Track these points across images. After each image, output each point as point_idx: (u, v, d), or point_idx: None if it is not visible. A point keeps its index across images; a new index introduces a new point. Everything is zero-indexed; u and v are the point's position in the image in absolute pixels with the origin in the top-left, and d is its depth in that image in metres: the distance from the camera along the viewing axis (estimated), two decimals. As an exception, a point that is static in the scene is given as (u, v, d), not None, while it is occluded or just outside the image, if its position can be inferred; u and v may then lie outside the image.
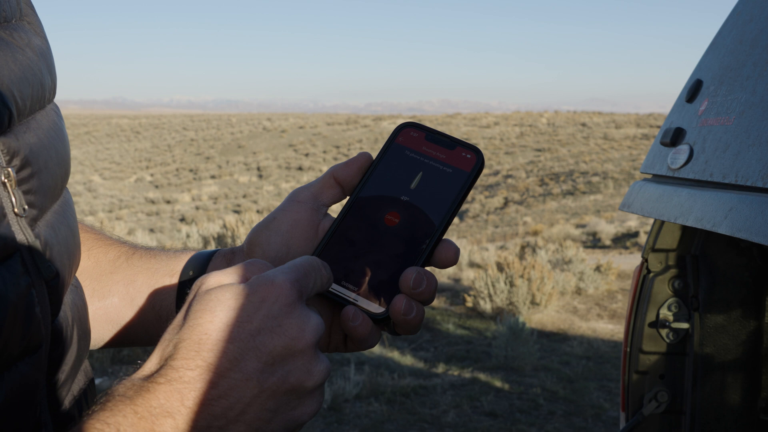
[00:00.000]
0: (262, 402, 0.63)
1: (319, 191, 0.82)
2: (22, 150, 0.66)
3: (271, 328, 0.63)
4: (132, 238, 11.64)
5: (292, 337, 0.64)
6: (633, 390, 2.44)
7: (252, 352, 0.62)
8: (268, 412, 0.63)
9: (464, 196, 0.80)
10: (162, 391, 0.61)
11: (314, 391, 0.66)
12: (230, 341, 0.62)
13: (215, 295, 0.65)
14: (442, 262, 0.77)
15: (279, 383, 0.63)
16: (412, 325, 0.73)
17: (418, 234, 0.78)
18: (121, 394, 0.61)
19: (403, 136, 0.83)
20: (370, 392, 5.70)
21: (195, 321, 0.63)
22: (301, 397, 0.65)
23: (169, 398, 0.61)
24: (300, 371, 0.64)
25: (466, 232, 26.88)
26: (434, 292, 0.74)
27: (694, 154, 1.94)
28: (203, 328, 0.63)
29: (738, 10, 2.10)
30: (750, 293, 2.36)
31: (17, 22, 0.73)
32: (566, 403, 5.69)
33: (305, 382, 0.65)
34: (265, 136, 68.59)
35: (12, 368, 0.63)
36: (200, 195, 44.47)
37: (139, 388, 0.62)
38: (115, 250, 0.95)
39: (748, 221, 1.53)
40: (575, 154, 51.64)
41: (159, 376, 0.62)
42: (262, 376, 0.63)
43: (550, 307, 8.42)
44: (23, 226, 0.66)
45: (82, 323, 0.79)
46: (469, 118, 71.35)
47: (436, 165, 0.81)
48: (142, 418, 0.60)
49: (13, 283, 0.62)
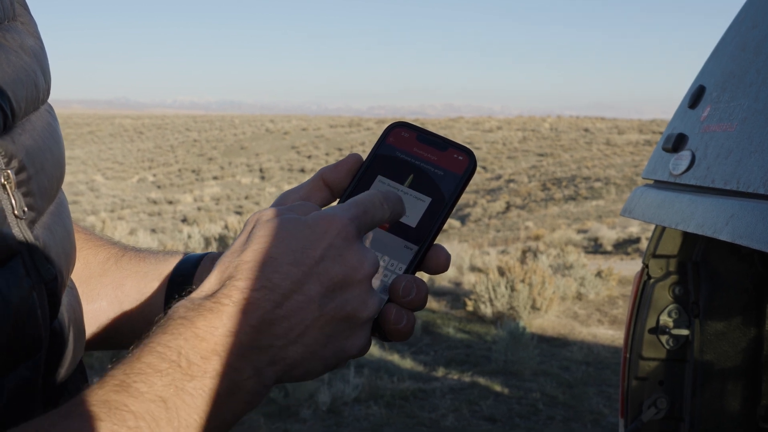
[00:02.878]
0: (321, 325, 0.65)
1: (308, 194, 0.80)
2: (19, 152, 0.66)
3: (333, 257, 0.65)
4: (134, 238, 11.65)
5: (353, 267, 0.66)
6: (632, 396, 2.43)
7: (315, 277, 0.64)
8: (324, 336, 0.65)
9: (456, 199, 0.77)
10: (226, 312, 0.62)
11: (365, 324, 0.68)
12: (294, 264, 0.64)
13: (280, 222, 0.66)
14: (434, 268, 0.76)
15: (338, 309, 0.65)
16: (403, 333, 0.72)
17: (408, 239, 0.76)
18: (181, 316, 0.62)
19: (394, 136, 0.80)
20: (369, 395, 5.70)
21: (259, 245, 0.65)
22: (354, 327, 0.67)
23: (233, 318, 0.62)
24: (357, 300, 0.66)
25: (467, 236, 26.87)
26: (425, 299, 0.73)
27: (696, 160, 1.94)
28: (268, 252, 0.64)
29: (741, 16, 2.10)
30: (751, 300, 2.36)
31: (10, 23, 0.72)
32: (565, 409, 5.68)
33: (360, 311, 0.67)
34: (268, 138, 68.64)
35: (14, 371, 0.63)
36: (202, 196, 44.50)
37: (200, 307, 0.62)
38: (105, 251, 0.94)
39: (749, 228, 1.52)
40: (578, 159, 51.63)
41: (222, 296, 0.63)
42: (323, 300, 0.65)
43: (550, 312, 8.41)
44: (23, 228, 0.65)
45: (77, 324, 0.78)
46: (471, 122, 71.36)
47: (427, 167, 0.78)
48: (203, 339, 0.60)
49: (16, 285, 0.62)
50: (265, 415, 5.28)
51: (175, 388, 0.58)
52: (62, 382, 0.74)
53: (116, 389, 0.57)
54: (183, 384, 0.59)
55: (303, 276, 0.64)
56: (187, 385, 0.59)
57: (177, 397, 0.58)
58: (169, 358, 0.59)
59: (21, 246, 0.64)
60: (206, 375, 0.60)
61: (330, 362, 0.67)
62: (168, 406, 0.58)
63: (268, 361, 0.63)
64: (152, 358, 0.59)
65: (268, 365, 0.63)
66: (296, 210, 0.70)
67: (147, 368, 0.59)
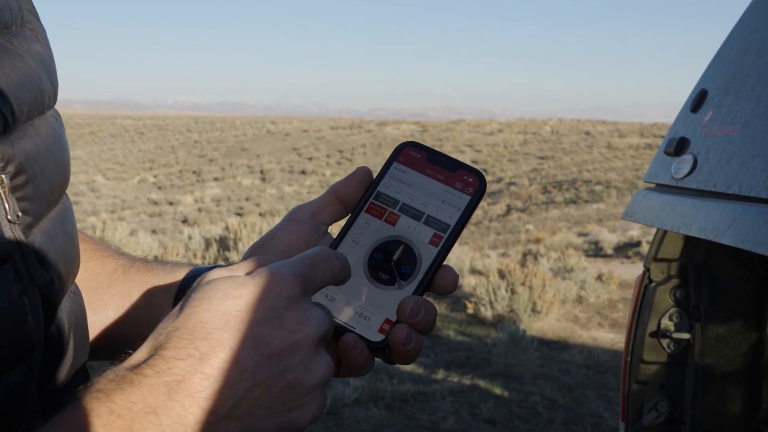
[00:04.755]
0: (256, 397, 0.59)
1: (319, 209, 0.80)
2: (17, 157, 0.66)
3: (271, 320, 0.60)
4: (134, 239, 11.65)
5: (291, 330, 0.61)
6: (633, 399, 2.43)
7: (248, 343, 0.59)
8: (261, 409, 0.60)
9: (466, 221, 0.77)
10: (147, 385, 0.57)
11: (313, 391, 0.62)
12: (226, 330, 0.59)
13: (215, 284, 0.62)
14: (442, 288, 0.75)
15: (275, 378, 0.60)
16: (410, 355, 0.71)
17: (417, 259, 0.76)
18: (99, 389, 0.57)
19: (404, 155, 0.80)
20: (369, 397, 5.69)
21: (191, 309, 0.60)
22: (299, 397, 0.61)
23: (154, 392, 0.56)
24: (298, 367, 0.61)
25: (468, 238, 26.87)
26: (433, 322, 0.71)
27: (698, 163, 1.94)
28: (199, 317, 0.60)
29: (743, 20, 2.10)
30: (752, 304, 2.35)
31: (18, 29, 0.72)
32: (565, 412, 5.68)
33: (303, 380, 0.61)
34: (269, 140, 68.65)
35: (3, 377, 0.62)
36: (203, 197, 44.52)
37: (121, 380, 0.57)
38: (113, 262, 0.94)
39: (751, 232, 1.52)
40: (578, 162, 51.63)
41: (146, 367, 0.58)
42: (258, 369, 0.59)
43: (550, 315, 8.40)
44: (17, 233, 0.65)
45: (79, 330, 0.78)
46: (473, 124, 71.35)
47: (437, 188, 0.78)
48: (119, 416, 0.55)
49: (5, 290, 0.62)
50: (264, 416, 5.29)
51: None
52: (63, 387, 0.73)
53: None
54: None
55: (235, 343, 0.59)
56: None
57: None
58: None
59: (13, 250, 0.64)
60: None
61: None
62: None
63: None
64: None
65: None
66: (244, 267, 0.66)
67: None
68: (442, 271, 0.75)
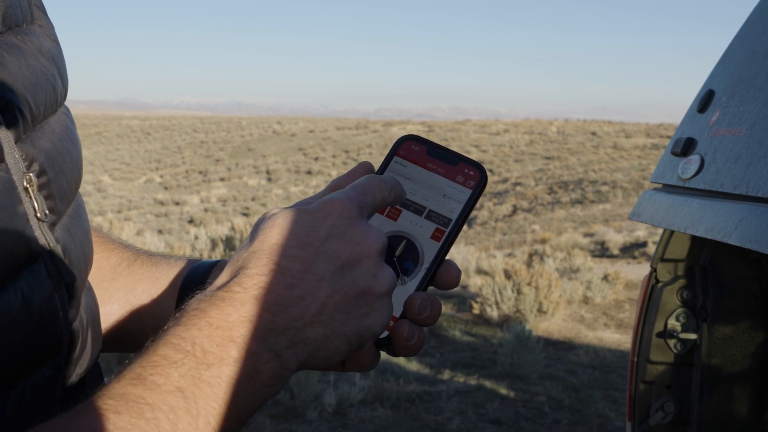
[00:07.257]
0: (336, 303, 0.65)
1: None
2: (39, 156, 0.67)
3: (337, 235, 0.67)
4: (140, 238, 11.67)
5: (357, 243, 0.67)
6: (639, 400, 2.43)
7: (323, 256, 0.65)
8: (341, 314, 0.66)
9: (467, 214, 0.77)
10: (238, 299, 0.63)
11: (383, 297, 0.68)
12: (300, 247, 0.65)
13: (281, 214, 0.68)
14: (445, 283, 0.76)
15: (350, 285, 0.66)
16: (413, 350, 0.73)
17: (420, 254, 0.76)
18: (195, 308, 0.63)
19: (404, 149, 0.80)
20: (375, 397, 5.70)
21: (263, 236, 0.66)
22: (370, 302, 0.67)
23: (246, 304, 0.62)
24: (367, 275, 0.67)
25: (474, 239, 26.85)
26: (437, 317, 0.73)
27: (705, 164, 1.94)
28: (273, 240, 0.66)
29: (751, 21, 2.10)
30: (759, 305, 2.35)
31: (28, 26, 0.73)
32: (571, 412, 5.67)
33: (373, 286, 0.67)
34: (275, 140, 68.72)
35: (37, 372, 0.64)
36: (209, 197, 44.58)
37: (213, 298, 0.63)
38: (117, 255, 0.95)
39: (758, 232, 1.52)
40: (584, 162, 51.54)
41: (234, 284, 0.64)
42: (333, 278, 0.65)
43: (556, 316, 8.39)
44: (45, 231, 0.66)
45: (95, 325, 0.79)
46: (479, 125, 71.30)
47: (438, 181, 0.78)
48: (218, 328, 0.61)
49: (39, 288, 0.63)
50: (270, 416, 5.30)
51: (191, 378, 0.59)
52: (80, 381, 0.75)
53: (133, 383, 0.58)
54: (200, 373, 0.59)
55: (310, 257, 0.65)
56: (204, 373, 0.59)
57: (194, 386, 0.59)
58: (183, 348, 0.60)
59: (43, 249, 0.65)
60: (223, 362, 0.60)
61: (353, 341, 0.67)
62: (185, 396, 0.58)
63: (286, 343, 0.63)
64: (167, 350, 0.60)
65: (287, 348, 0.64)
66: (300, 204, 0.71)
67: (162, 360, 0.59)
68: (445, 266, 0.76)
